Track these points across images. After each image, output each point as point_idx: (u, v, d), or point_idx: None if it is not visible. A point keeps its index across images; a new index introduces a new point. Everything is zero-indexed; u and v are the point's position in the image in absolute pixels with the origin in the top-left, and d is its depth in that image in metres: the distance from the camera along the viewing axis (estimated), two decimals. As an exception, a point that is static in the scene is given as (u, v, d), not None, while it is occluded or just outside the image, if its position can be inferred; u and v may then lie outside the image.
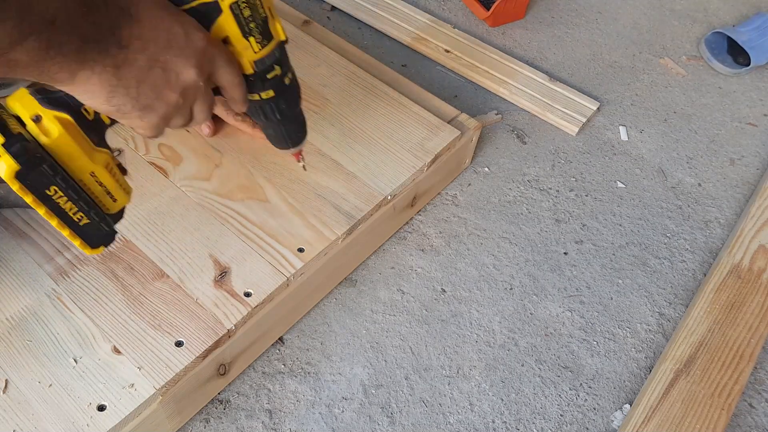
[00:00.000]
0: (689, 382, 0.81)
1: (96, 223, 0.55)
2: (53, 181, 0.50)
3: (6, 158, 0.46)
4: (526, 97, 1.19)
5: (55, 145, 0.49)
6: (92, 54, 0.44)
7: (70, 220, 0.53)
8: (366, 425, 0.78)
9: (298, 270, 0.78)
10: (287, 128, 0.68)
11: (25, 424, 0.63)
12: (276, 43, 0.58)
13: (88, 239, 0.55)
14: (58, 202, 0.51)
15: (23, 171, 0.47)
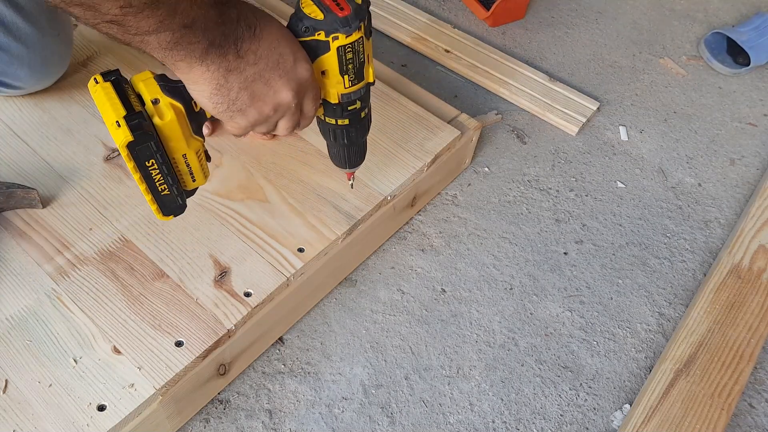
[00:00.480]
0: (689, 382, 0.81)
1: (174, 196, 0.63)
2: (153, 156, 0.57)
3: (124, 129, 0.54)
4: (526, 97, 1.19)
5: (164, 127, 0.57)
6: (212, 56, 0.52)
7: (155, 189, 0.61)
8: (366, 425, 0.78)
9: (298, 270, 0.78)
10: (350, 152, 0.75)
11: (25, 424, 0.63)
12: (364, 84, 0.66)
13: (163, 207, 0.63)
14: (151, 173, 0.59)
15: (134, 143, 0.55)
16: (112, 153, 0.87)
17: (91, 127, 0.90)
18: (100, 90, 0.56)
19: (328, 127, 0.71)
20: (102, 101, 0.55)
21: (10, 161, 0.85)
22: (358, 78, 0.64)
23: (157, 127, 0.56)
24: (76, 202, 0.82)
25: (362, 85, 0.66)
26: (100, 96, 0.56)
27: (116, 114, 0.54)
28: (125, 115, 0.54)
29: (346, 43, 0.60)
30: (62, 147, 0.88)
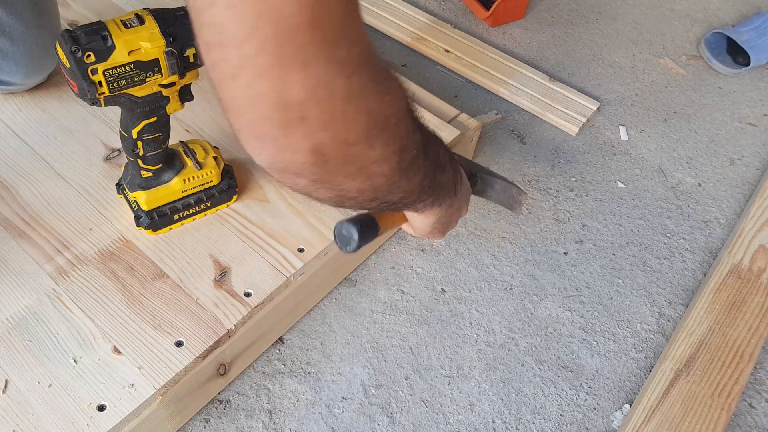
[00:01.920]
0: (689, 382, 0.81)
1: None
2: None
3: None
4: (526, 97, 1.19)
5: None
6: (442, 199, 0.60)
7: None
8: (366, 425, 0.78)
9: (298, 270, 0.78)
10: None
11: (24, 424, 0.63)
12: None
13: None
14: None
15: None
16: (112, 153, 0.87)
17: (91, 127, 0.90)
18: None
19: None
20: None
21: (10, 161, 0.85)
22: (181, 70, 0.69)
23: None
24: (76, 202, 0.82)
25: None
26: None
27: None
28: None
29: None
30: (62, 147, 0.88)
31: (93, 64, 0.59)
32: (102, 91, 0.62)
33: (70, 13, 1.08)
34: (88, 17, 1.07)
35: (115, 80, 0.61)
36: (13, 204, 0.81)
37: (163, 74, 0.65)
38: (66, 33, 0.59)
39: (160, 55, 0.63)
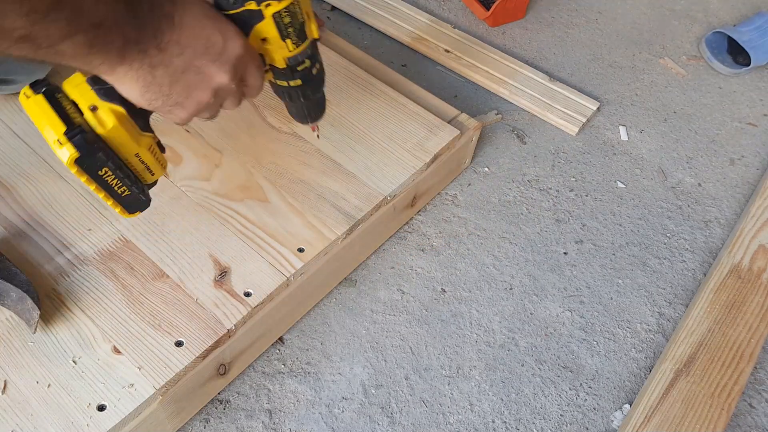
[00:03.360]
0: (689, 382, 0.81)
1: (135, 194, 0.61)
2: (105, 164, 0.55)
3: (68, 146, 0.51)
4: (526, 97, 1.19)
5: (109, 135, 0.54)
6: (132, 53, 0.49)
7: (114, 193, 0.59)
8: (366, 425, 0.78)
9: (298, 270, 0.78)
10: (309, 108, 0.74)
11: (24, 424, 0.63)
12: (309, 42, 0.63)
13: (127, 207, 0.62)
14: (106, 180, 0.56)
15: (81, 158, 0.52)
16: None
17: (91, 127, 0.90)
18: (33, 104, 0.52)
19: (282, 89, 0.68)
20: (37, 116, 0.52)
21: (10, 161, 0.85)
22: (301, 39, 0.62)
23: (101, 137, 0.54)
24: (76, 202, 0.82)
25: (307, 45, 0.63)
26: (35, 111, 0.52)
27: (56, 131, 0.51)
28: (65, 131, 0.51)
29: (281, 8, 0.57)
30: (62, 147, 0.88)
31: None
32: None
33: (70, 13, 1.07)
34: (88, 17, 1.07)
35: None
36: (13, 204, 0.81)
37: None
38: None
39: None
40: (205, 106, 0.57)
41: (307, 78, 0.67)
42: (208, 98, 0.56)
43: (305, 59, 0.64)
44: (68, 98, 0.54)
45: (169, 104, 0.54)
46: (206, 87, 0.55)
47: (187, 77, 0.53)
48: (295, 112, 0.74)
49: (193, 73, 0.54)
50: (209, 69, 0.54)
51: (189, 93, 0.55)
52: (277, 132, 0.93)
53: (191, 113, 0.57)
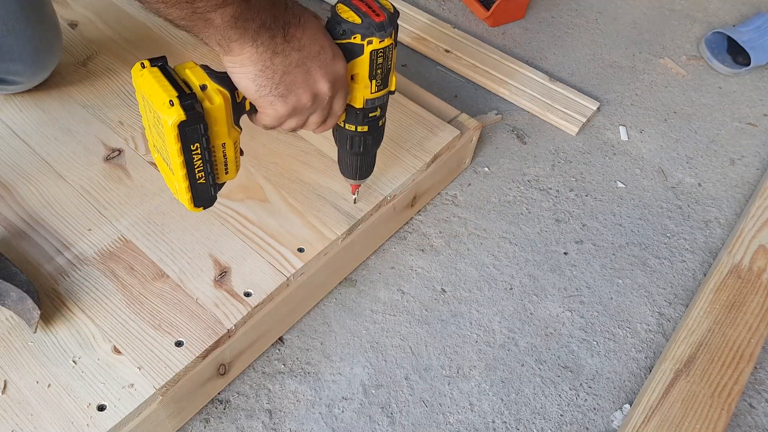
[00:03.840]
0: (689, 382, 0.81)
1: (207, 186, 0.63)
2: (200, 139, 0.58)
3: (177, 108, 0.55)
4: (526, 97, 1.19)
5: (213, 111, 0.58)
6: (263, 36, 0.54)
7: (192, 176, 0.61)
8: (366, 425, 0.78)
9: (298, 270, 0.78)
10: (362, 163, 0.78)
11: (24, 424, 0.63)
12: (387, 91, 0.69)
13: (196, 197, 0.63)
14: (193, 158, 0.59)
15: (185, 122, 0.55)
16: (112, 153, 0.88)
17: (91, 127, 0.90)
18: (148, 74, 0.57)
19: (346, 134, 0.72)
20: (150, 83, 0.56)
21: (10, 161, 0.85)
22: (384, 84, 0.67)
23: (207, 111, 0.57)
24: (76, 202, 0.82)
25: (385, 92, 0.68)
26: (148, 79, 0.56)
27: (168, 94, 0.55)
28: (178, 95, 0.55)
29: (379, 48, 0.63)
30: (62, 147, 0.88)
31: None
32: None
33: (70, 13, 1.08)
34: (88, 17, 1.07)
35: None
36: (13, 204, 0.81)
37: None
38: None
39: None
40: (300, 109, 0.62)
41: (374, 127, 0.72)
42: (307, 101, 0.61)
43: (378, 107, 0.69)
44: (179, 77, 0.58)
45: (274, 94, 0.59)
46: (308, 89, 0.60)
47: (297, 73, 0.58)
48: (348, 163, 0.78)
49: (303, 71, 0.59)
50: (316, 73, 0.60)
51: (293, 89, 0.59)
52: (277, 132, 0.93)
53: (288, 110, 0.61)
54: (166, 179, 0.66)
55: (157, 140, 0.61)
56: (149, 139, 0.64)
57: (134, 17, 1.08)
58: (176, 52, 1.03)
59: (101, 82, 0.97)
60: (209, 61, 1.02)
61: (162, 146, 0.60)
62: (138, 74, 0.57)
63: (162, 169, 0.65)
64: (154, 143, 0.63)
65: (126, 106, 0.94)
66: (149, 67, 0.57)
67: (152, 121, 0.59)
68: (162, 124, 0.56)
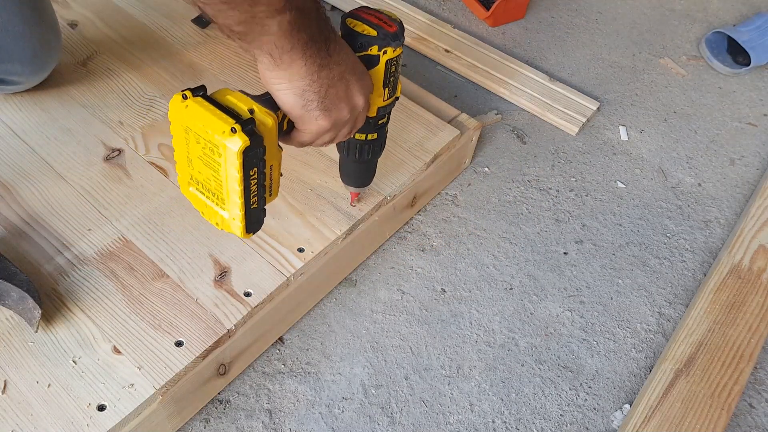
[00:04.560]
0: (689, 382, 0.81)
1: (258, 210, 0.62)
2: (257, 164, 0.58)
3: (240, 135, 0.54)
4: (526, 97, 1.19)
5: (266, 135, 0.57)
6: (311, 50, 0.56)
7: (248, 200, 0.60)
8: (366, 425, 0.78)
9: (298, 270, 0.78)
10: (366, 171, 0.80)
11: (24, 424, 0.63)
12: (395, 98, 0.70)
13: (248, 222, 0.62)
14: (250, 183, 0.59)
15: (248, 149, 0.55)
16: (112, 153, 0.88)
17: (91, 127, 0.90)
18: (194, 104, 0.56)
19: (356, 144, 0.74)
20: (201, 114, 0.55)
21: (10, 161, 0.85)
22: (393, 91, 0.69)
23: (262, 134, 0.56)
24: (76, 202, 0.82)
25: (394, 99, 0.70)
26: (196, 110, 0.55)
27: (227, 122, 0.54)
28: (238, 122, 0.54)
29: (393, 57, 0.65)
30: (62, 147, 0.88)
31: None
32: None
33: (70, 13, 1.08)
34: (88, 17, 1.07)
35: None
36: (13, 204, 0.81)
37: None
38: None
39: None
40: (340, 123, 0.63)
41: (381, 135, 0.74)
42: (346, 114, 0.63)
43: (385, 114, 0.71)
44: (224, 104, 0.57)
45: (319, 108, 0.60)
46: (348, 102, 0.62)
47: (339, 87, 0.60)
48: (353, 170, 0.79)
49: (344, 85, 0.61)
50: (354, 87, 0.62)
51: (336, 103, 0.61)
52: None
53: (330, 124, 0.62)
54: (207, 212, 0.64)
55: (202, 172, 0.60)
56: (184, 174, 0.62)
57: (134, 17, 1.08)
58: (176, 52, 1.03)
59: (101, 82, 0.97)
60: (209, 61, 1.02)
61: (211, 177, 0.59)
62: (181, 106, 0.56)
63: (199, 204, 0.64)
64: (194, 177, 0.61)
65: (126, 106, 0.94)
66: (192, 98, 0.56)
67: (197, 153, 0.58)
68: (223, 153, 0.55)
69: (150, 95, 0.96)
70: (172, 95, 0.95)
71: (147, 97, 0.95)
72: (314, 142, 0.65)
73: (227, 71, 1.01)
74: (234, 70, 1.01)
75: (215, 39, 1.06)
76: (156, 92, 0.96)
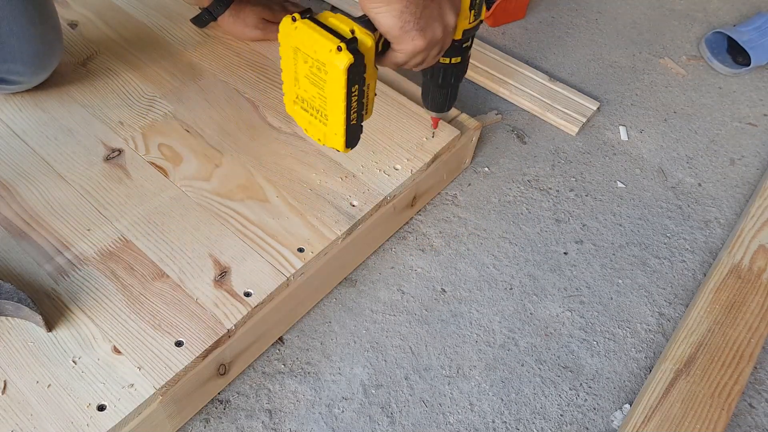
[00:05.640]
0: (689, 382, 0.81)
1: (356, 126, 0.68)
2: (358, 81, 0.62)
3: (345, 53, 0.59)
4: (526, 97, 1.19)
5: (366, 53, 0.62)
6: None
7: (349, 118, 0.65)
8: (366, 425, 0.78)
9: (298, 270, 0.78)
10: (450, 95, 0.83)
11: (24, 424, 0.63)
12: (479, 21, 0.73)
13: (348, 137, 0.67)
14: (351, 99, 0.63)
15: (353, 66, 0.60)
16: (112, 153, 0.88)
17: (91, 127, 0.90)
18: (303, 25, 0.61)
19: (440, 67, 0.77)
20: (309, 34, 0.60)
21: (10, 161, 0.85)
22: (479, 14, 0.72)
23: (363, 53, 0.61)
24: (76, 202, 0.82)
25: (478, 23, 0.73)
26: (305, 30, 0.60)
27: (333, 41, 0.59)
28: (344, 40, 0.59)
29: None
30: (62, 147, 0.88)
31: None
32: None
33: (70, 13, 1.08)
34: (88, 17, 1.07)
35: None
36: (13, 204, 0.81)
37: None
38: None
39: None
40: (434, 42, 0.66)
41: (465, 58, 0.77)
42: (439, 33, 0.66)
43: (470, 38, 0.74)
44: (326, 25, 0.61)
45: (416, 28, 0.63)
46: (441, 21, 0.65)
47: (433, 7, 0.64)
48: (438, 95, 0.83)
49: (437, 5, 0.64)
50: (445, 6, 0.65)
51: (430, 22, 0.64)
52: (277, 132, 0.93)
53: (425, 44, 0.65)
54: (310, 129, 0.70)
55: (308, 90, 0.65)
56: (290, 93, 0.68)
57: (134, 17, 1.08)
58: (176, 52, 1.03)
59: (101, 82, 0.97)
60: (209, 61, 1.02)
61: (316, 95, 0.64)
62: (290, 27, 0.61)
63: (303, 120, 0.70)
64: (300, 95, 0.67)
65: (126, 106, 0.94)
66: (300, 20, 0.61)
67: (304, 72, 0.63)
68: (329, 70, 0.60)
69: (150, 95, 0.96)
70: (172, 95, 0.96)
71: (147, 97, 0.95)
72: (407, 62, 0.68)
73: (227, 71, 1.01)
74: (234, 70, 1.01)
75: (215, 39, 1.06)
76: (156, 92, 0.96)
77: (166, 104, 0.94)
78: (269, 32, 1.04)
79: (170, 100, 0.95)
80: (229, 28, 1.04)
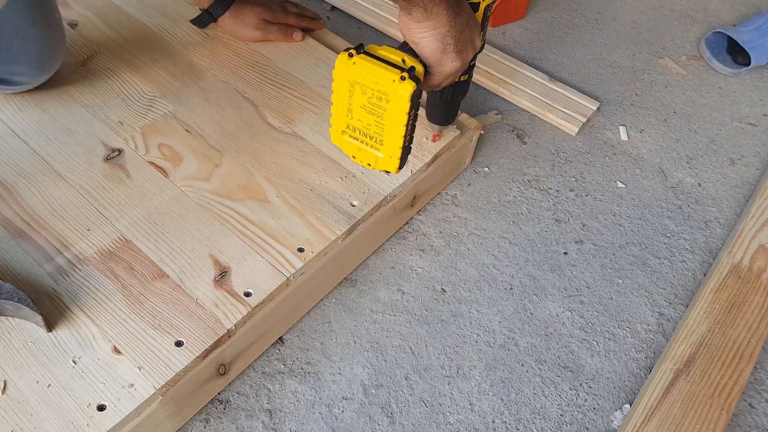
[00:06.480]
0: (689, 382, 0.81)
1: (408, 147, 0.72)
2: (416, 107, 0.67)
3: (409, 82, 0.64)
4: (526, 97, 1.19)
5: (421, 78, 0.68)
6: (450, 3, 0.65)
7: (404, 141, 0.70)
8: (366, 425, 0.78)
9: (298, 270, 0.78)
10: (453, 110, 0.90)
11: (24, 424, 0.63)
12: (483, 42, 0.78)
13: (401, 160, 0.72)
14: (407, 125, 0.68)
15: (415, 92, 0.65)
16: (112, 153, 0.88)
17: (91, 127, 0.90)
18: (361, 60, 0.65)
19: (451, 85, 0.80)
20: (369, 67, 0.65)
21: (11, 161, 0.85)
22: (484, 36, 0.77)
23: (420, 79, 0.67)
24: (76, 202, 0.82)
25: (483, 44, 0.78)
26: (364, 64, 0.65)
27: (394, 72, 0.64)
28: (406, 70, 0.64)
29: (489, 3, 0.74)
30: (62, 147, 0.88)
31: None
32: None
33: (70, 13, 1.08)
34: (88, 17, 1.07)
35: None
36: (13, 204, 0.81)
37: None
38: None
39: None
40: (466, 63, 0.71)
41: (470, 76, 0.83)
42: (470, 55, 0.71)
43: (475, 57, 0.77)
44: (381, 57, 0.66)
45: (455, 51, 0.68)
46: (472, 45, 0.71)
47: (467, 31, 0.69)
48: (443, 110, 0.88)
49: (469, 29, 0.69)
50: (474, 31, 0.71)
51: (466, 45, 0.70)
52: (277, 132, 0.93)
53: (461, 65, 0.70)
54: (359, 155, 0.74)
55: (362, 119, 0.69)
56: (339, 124, 0.72)
57: (134, 17, 1.08)
58: (176, 52, 1.03)
59: (101, 82, 0.97)
60: (209, 61, 1.02)
61: (373, 123, 0.69)
62: (348, 63, 0.66)
63: (351, 149, 0.74)
64: (351, 125, 0.71)
65: (126, 106, 0.94)
66: (357, 55, 0.65)
67: (361, 103, 0.68)
68: (392, 98, 0.65)
69: (150, 95, 0.96)
70: (172, 95, 0.96)
71: (147, 97, 0.95)
72: (440, 84, 0.73)
73: (227, 71, 1.01)
74: (234, 70, 1.01)
75: (215, 39, 1.06)
76: (156, 92, 0.96)
77: (166, 104, 0.94)
78: (269, 33, 1.04)
79: (170, 100, 0.95)
80: (230, 29, 1.04)
